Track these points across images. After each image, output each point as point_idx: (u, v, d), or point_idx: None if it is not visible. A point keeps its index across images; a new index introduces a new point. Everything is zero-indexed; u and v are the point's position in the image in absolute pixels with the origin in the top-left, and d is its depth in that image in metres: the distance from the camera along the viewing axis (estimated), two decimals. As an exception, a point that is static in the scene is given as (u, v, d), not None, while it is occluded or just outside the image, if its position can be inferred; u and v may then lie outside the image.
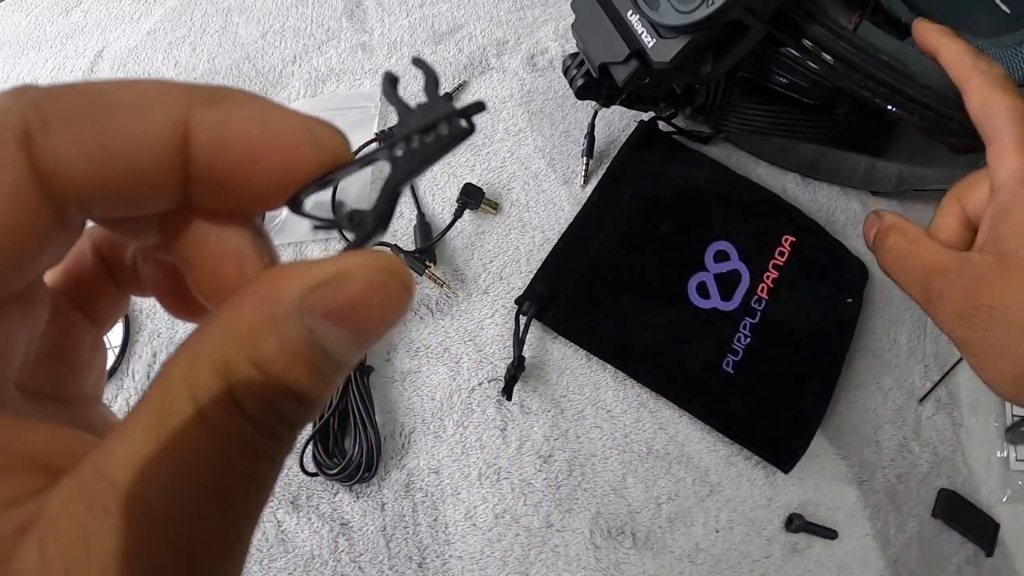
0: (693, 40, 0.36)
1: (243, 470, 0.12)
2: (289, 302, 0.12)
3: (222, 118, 0.13)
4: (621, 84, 0.41)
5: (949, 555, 0.45)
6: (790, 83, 0.41)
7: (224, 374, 0.12)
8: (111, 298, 0.17)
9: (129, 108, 0.12)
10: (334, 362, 0.12)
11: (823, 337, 0.47)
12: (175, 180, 0.13)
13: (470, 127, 0.14)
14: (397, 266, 0.13)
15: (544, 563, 0.44)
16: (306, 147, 0.13)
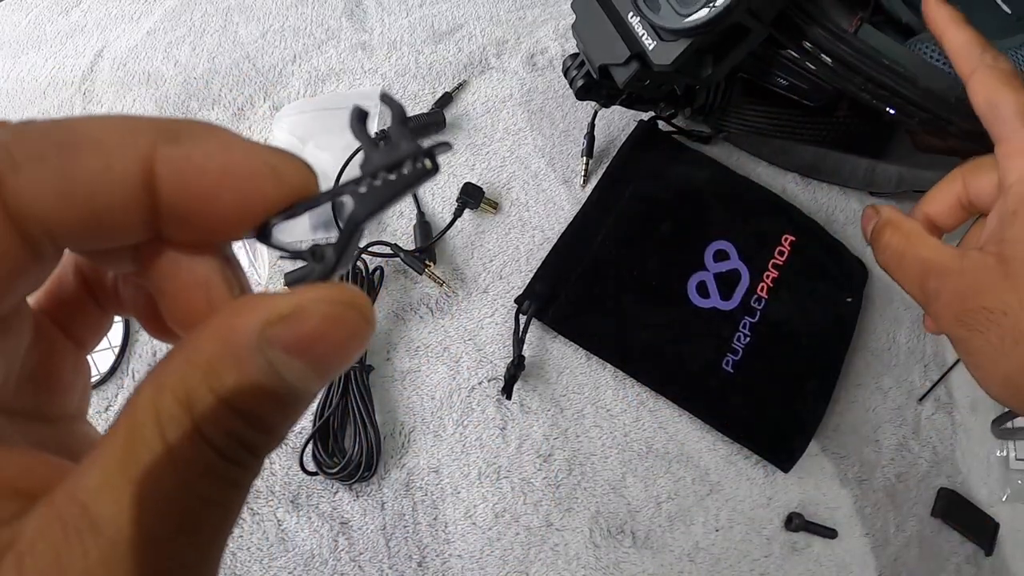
0: (694, 43, 0.36)
1: (208, 495, 0.12)
2: (248, 335, 0.12)
3: (184, 155, 0.13)
4: (621, 86, 0.41)
5: (948, 554, 0.45)
6: (790, 85, 0.41)
7: (187, 404, 0.12)
8: (93, 319, 0.18)
9: (95, 147, 0.12)
10: (295, 392, 0.13)
11: (823, 337, 0.47)
12: (142, 215, 0.13)
13: (434, 167, 0.14)
14: (356, 299, 0.13)
15: (544, 562, 0.44)
16: (265, 181, 0.14)
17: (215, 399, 0.12)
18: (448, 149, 0.14)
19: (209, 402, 0.12)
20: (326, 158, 0.52)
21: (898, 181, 0.49)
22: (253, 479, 0.13)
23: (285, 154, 0.14)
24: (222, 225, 0.14)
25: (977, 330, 0.29)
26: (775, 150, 0.52)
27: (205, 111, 0.56)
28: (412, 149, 0.14)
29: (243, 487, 0.13)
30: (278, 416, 0.13)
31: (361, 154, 0.14)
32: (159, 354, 0.48)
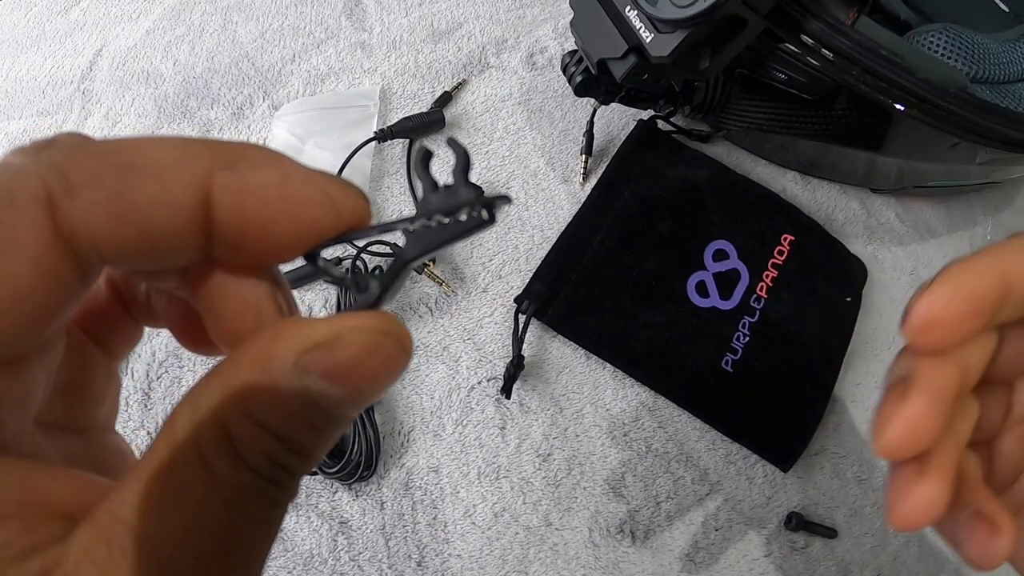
0: (691, 34, 0.36)
1: (247, 515, 0.12)
2: (285, 361, 0.12)
3: (242, 182, 0.13)
4: (620, 80, 0.41)
5: (949, 554, 0.45)
6: (788, 79, 0.41)
7: (225, 426, 0.12)
8: (125, 330, 0.17)
9: (152, 171, 0.12)
10: (330, 419, 0.13)
11: (822, 336, 0.47)
12: (196, 239, 0.13)
13: (491, 219, 0.14)
14: (394, 328, 0.13)
15: (543, 562, 0.44)
16: (321, 211, 0.14)
17: (252, 423, 0.12)
18: (508, 202, 0.14)
19: (246, 425, 0.12)
20: (325, 157, 0.52)
21: (897, 176, 0.49)
22: (291, 498, 0.13)
23: (342, 183, 0.14)
24: (274, 251, 0.14)
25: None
26: (774, 147, 0.52)
27: (204, 110, 0.56)
28: (471, 198, 0.14)
29: (281, 506, 0.13)
30: (313, 440, 0.13)
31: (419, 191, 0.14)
32: (158, 354, 0.48)
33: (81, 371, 0.16)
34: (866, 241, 0.51)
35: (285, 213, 0.13)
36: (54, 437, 0.15)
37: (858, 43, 0.37)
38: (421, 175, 0.14)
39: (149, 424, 0.47)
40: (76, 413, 0.16)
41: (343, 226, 0.14)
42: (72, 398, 0.16)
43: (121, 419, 0.47)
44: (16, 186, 0.12)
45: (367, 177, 0.52)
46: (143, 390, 0.47)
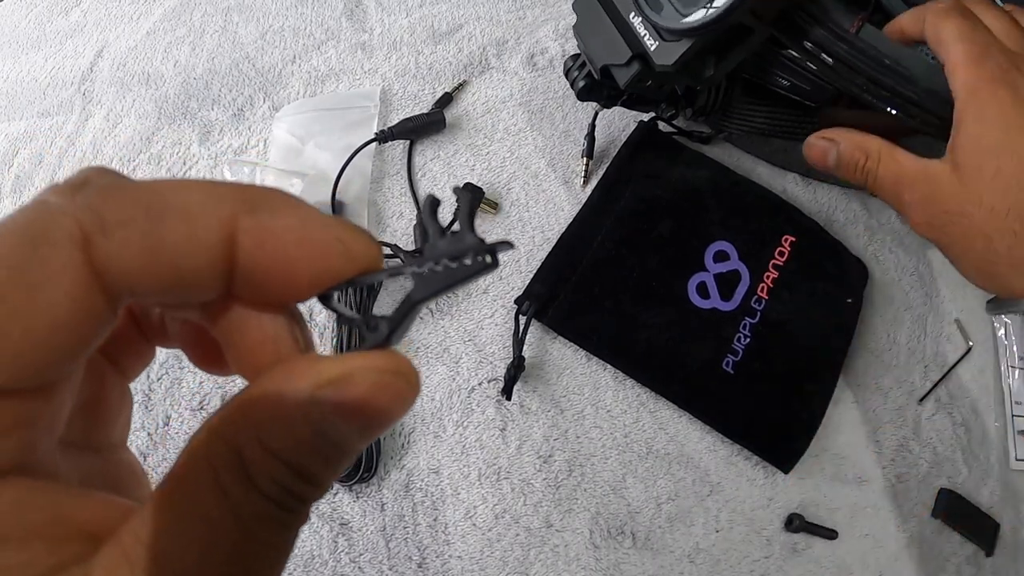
0: (696, 43, 0.36)
1: (260, 538, 0.13)
2: (300, 396, 0.13)
3: (264, 227, 0.14)
4: (623, 86, 0.41)
5: (949, 555, 0.45)
6: (791, 85, 0.41)
7: (240, 455, 0.13)
8: (138, 350, 0.18)
9: (181, 213, 0.13)
10: (340, 450, 0.14)
11: (823, 337, 0.47)
12: (220, 277, 0.14)
13: (494, 263, 0.15)
14: (403, 367, 0.14)
15: (544, 563, 0.44)
16: (336, 256, 0.14)
17: (266, 451, 0.13)
18: (510, 248, 0.15)
19: (260, 453, 0.13)
20: (325, 158, 0.52)
21: None
22: (302, 523, 0.14)
23: (356, 230, 0.15)
24: (291, 290, 0.15)
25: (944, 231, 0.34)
26: (776, 149, 0.52)
27: (205, 111, 0.56)
28: (476, 244, 0.15)
29: (292, 529, 0.14)
30: (323, 470, 0.14)
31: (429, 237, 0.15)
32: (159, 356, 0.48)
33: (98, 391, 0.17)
34: (867, 242, 0.51)
35: (303, 257, 0.14)
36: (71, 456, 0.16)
37: (861, 51, 0.37)
38: (429, 222, 0.15)
39: (149, 425, 0.47)
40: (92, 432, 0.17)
41: (355, 270, 0.15)
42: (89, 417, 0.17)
43: (122, 420, 0.47)
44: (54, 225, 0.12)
45: (367, 178, 0.52)
46: (144, 392, 0.47)
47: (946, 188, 0.33)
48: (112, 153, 0.55)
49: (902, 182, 0.36)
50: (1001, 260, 0.33)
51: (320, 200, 0.50)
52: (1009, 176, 0.32)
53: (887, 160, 0.36)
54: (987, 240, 0.33)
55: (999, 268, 0.33)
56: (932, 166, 0.34)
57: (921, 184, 0.35)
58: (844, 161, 0.39)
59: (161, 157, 0.55)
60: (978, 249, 0.33)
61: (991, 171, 0.32)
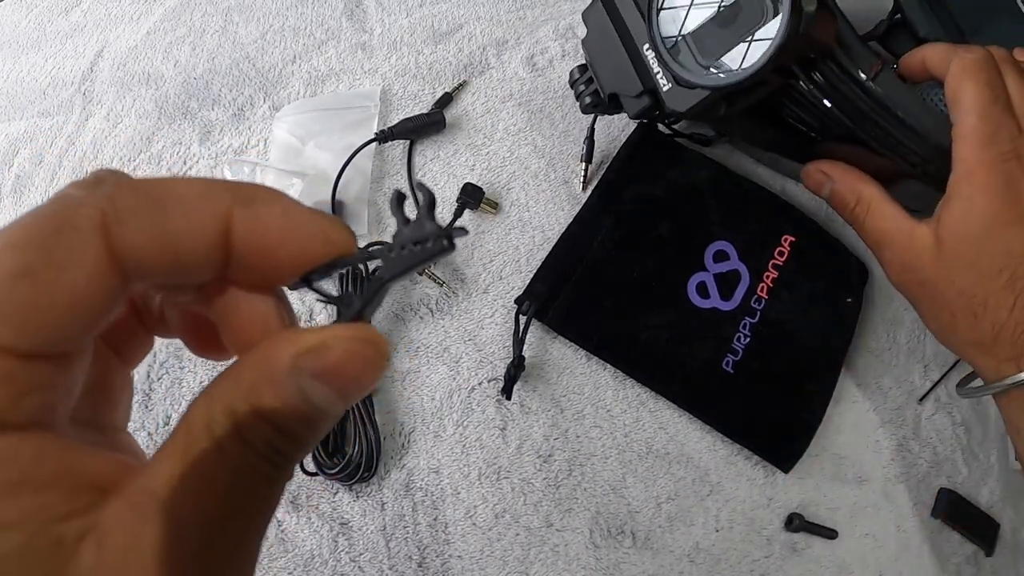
0: (712, 96, 0.35)
1: (250, 489, 0.15)
2: (283, 363, 0.15)
3: (255, 217, 0.16)
4: (631, 117, 0.40)
5: (949, 555, 0.45)
6: (800, 118, 0.40)
7: (234, 416, 0.15)
8: (139, 339, 0.20)
9: (184, 205, 0.15)
10: (321, 412, 0.16)
11: (823, 337, 0.47)
12: (217, 261, 0.16)
13: (451, 246, 0.17)
14: (372, 336, 0.16)
15: (544, 562, 0.44)
16: (317, 243, 0.17)
17: (255, 413, 0.15)
18: (464, 234, 0.17)
19: (250, 415, 0.15)
20: (326, 158, 0.52)
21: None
22: (287, 479, 0.16)
23: (334, 220, 0.17)
24: (278, 273, 0.17)
25: (915, 295, 0.38)
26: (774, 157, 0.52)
27: (205, 111, 0.56)
28: (434, 230, 0.17)
29: (279, 483, 0.16)
30: (306, 430, 0.16)
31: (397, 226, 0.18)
32: (159, 355, 0.48)
33: (103, 376, 0.19)
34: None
35: (286, 243, 0.16)
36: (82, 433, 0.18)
37: (875, 100, 0.36)
38: (396, 213, 0.18)
39: (150, 425, 0.47)
40: (98, 413, 0.19)
41: (334, 255, 0.17)
42: (96, 399, 0.19)
43: (122, 420, 0.47)
44: (77, 213, 0.14)
45: (367, 178, 0.52)
46: (144, 391, 0.47)
47: (925, 259, 0.36)
48: (112, 153, 0.55)
49: (885, 240, 0.38)
50: (959, 335, 0.37)
51: (320, 200, 0.50)
52: (984, 266, 0.34)
53: (876, 213, 0.38)
54: (951, 315, 0.36)
55: (958, 340, 0.37)
56: (917, 232, 0.36)
57: (903, 249, 0.37)
58: (836, 199, 0.41)
59: (161, 157, 0.55)
60: (943, 319, 0.37)
61: (969, 258, 0.34)
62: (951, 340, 0.38)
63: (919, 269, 0.36)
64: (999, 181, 0.33)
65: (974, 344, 0.36)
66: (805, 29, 0.33)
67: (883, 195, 0.38)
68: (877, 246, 0.39)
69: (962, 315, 0.35)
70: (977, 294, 0.34)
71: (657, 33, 0.37)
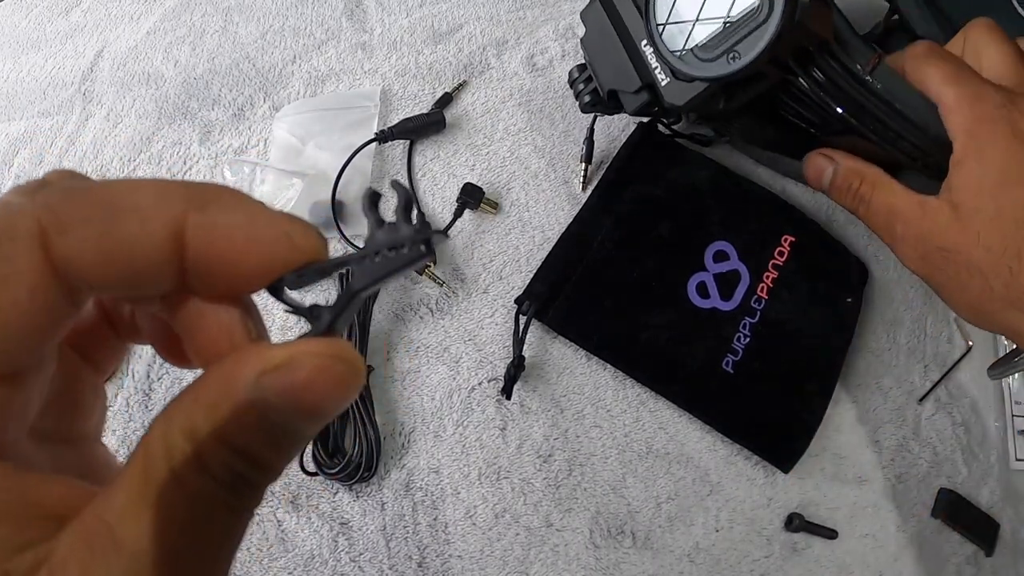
0: (710, 88, 0.35)
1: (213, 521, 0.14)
2: (245, 382, 0.14)
3: (212, 223, 0.15)
4: (630, 113, 0.40)
5: (949, 555, 0.45)
6: (798, 114, 0.40)
7: (192, 439, 0.14)
8: (111, 346, 0.19)
9: (133, 212, 0.14)
10: (288, 434, 0.15)
11: (823, 337, 0.47)
12: (172, 271, 0.15)
13: (429, 251, 0.15)
14: (344, 352, 0.15)
15: (544, 562, 0.44)
16: (281, 248, 0.15)
17: (215, 437, 0.14)
18: (444, 239, 0.16)
19: (210, 440, 0.14)
20: (326, 158, 0.52)
21: None
22: (255, 506, 0.15)
23: (301, 223, 0.16)
24: (241, 282, 0.15)
25: (938, 267, 0.35)
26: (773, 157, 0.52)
27: (205, 111, 0.56)
28: (411, 235, 0.15)
29: (244, 512, 0.15)
30: (272, 454, 0.15)
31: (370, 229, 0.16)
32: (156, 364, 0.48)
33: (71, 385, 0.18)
34: (867, 242, 0.51)
35: (248, 250, 0.15)
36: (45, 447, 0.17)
37: (873, 93, 0.36)
38: (369, 214, 0.16)
39: (150, 425, 0.47)
40: (66, 424, 0.18)
41: (301, 261, 0.15)
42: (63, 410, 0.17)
43: (121, 420, 0.47)
44: (14, 222, 0.13)
45: (367, 178, 0.52)
46: (143, 391, 0.47)
47: (942, 225, 0.34)
48: (112, 153, 0.55)
49: (896, 214, 0.36)
50: (996, 297, 0.33)
51: (320, 200, 0.50)
52: (1008, 216, 0.32)
53: (883, 189, 0.37)
54: (983, 277, 0.33)
55: (994, 305, 0.33)
56: (928, 202, 0.35)
57: (916, 219, 0.35)
58: (839, 182, 0.39)
59: (161, 157, 0.55)
60: (973, 286, 0.33)
61: (991, 211, 0.32)
62: (986, 309, 0.34)
63: (938, 235, 0.34)
64: (1003, 129, 0.32)
65: (1013, 303, 0.32)
66: (800, 18, 0.33)
67: (887, 175, 0.37)
68: (887, 223, 0.37)
69: (994, 274, 0.32)
70: (1009, 246, 0.32)
71: (654, 28, 0.37)
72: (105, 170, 0.55)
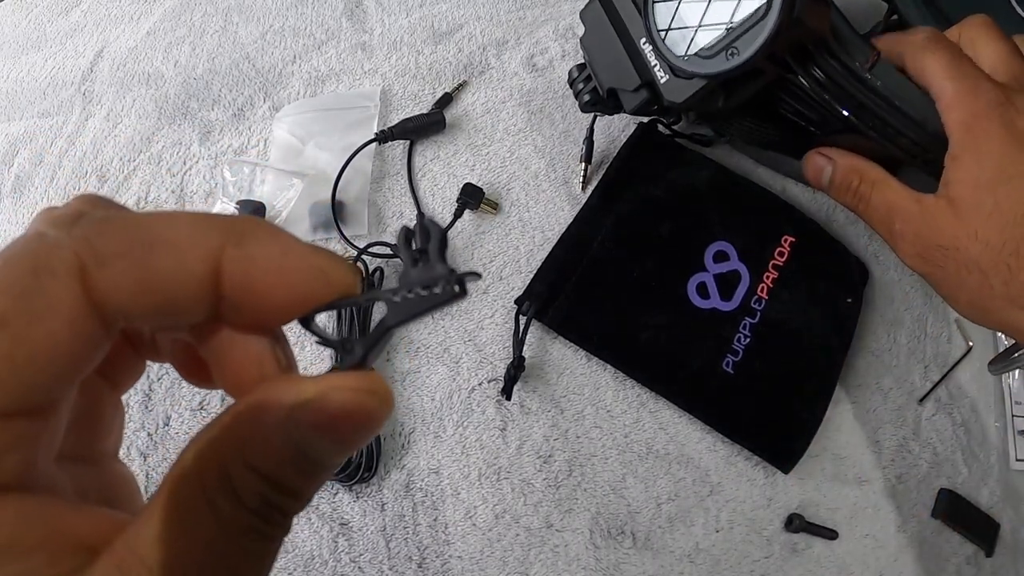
0: (709, 84, 0.36)
1: (246, 548, 0.14)
2: (279, 415, 0.14)
3: (248, 257, 0.15)
4: (629, 112, 0.40)
5: (949, 555, 0.45)
6: (798, 112, 0.40)
7: (225, 470, 0.14)
8: (130, 365, 0.19)
9: (171, 246, 0.14)
10: (318, 465, 0.15)
11: (823, 337, 0.47)
12: (207, 304, 0.15)
13: (463, 292, 0.16)
14: (375, 386, 0.15)
15: (544, 563, 0.44)
16: (316, 283, 0.15)
17: (248, 468, 0.14)
18: (477, 278, 0.16)
19: (243, 471, 0.14)
20: (326, 158, 0.52)
21: None
22: (284, 533, 0.15)
23: (334, 259, 0.16)
24: (274, 315, 0.16)
25: (937, 265, 0.35)
26: (774, 157, 0.52)
27: (205, 111, 0.56)
28: (445, 274, 0.16)
29: (276, 540, 0.15)
30: (303, 484, 0.15)
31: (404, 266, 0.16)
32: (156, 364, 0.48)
33: (91, 405, 0.18)
34: (867, 242, 0.51)
35: (284, 284, 0.15)
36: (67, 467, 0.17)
37: (871, 90, 0.36)
38: (403, 253, 0.16)
39: (150, 425, 0.47)
40: (87, 444, 0.18)
41: (333, 295, 0.16)
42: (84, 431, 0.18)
43: (122, 420, 0.47)
44: (54, 257, 0.13)
45: (367, 178, 0.52)
46: (144, 391, 0.47)
47: (940, 222, 0.34)
48: (112, 153, 0.55)
49: (895, 211, 0.36)
50: (995, 294, 0.33)
51: (320, 200, 0.50)
52: (1006, 212, 0.32)
53: (882, 187, 0.37)
54: (982, 274, 0.33)
55: (993, 303, 0.33)
56: (926, 199, 0.35)
57: (915, 216, 0.35)
58: (838, 181, 0.39)
59: (161, 157, 0.55)
60: (972, 283, 0.33)
61: (988, 207, 0.32)
62: (986, 306, 0.34)
63: (936, 233, 0.34)
64: (999, 125, 0.32)
65: (1013, 300, 0.32)
66: (798, 14, 0.33)
67: (886, 173, 0.37)
68: (887, 221, 0.37)
69: (993, 271, 0.32)
70: (1007, 242, 0.32)
71: (653, 25, 0.37)
72: (105, 170, 0.55)
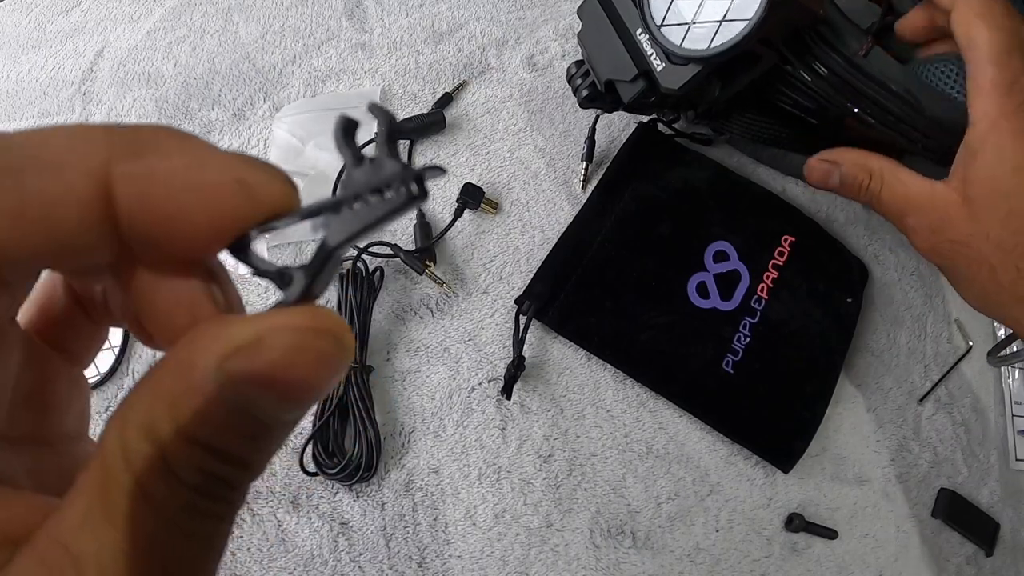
0: (704, 69, 0.36)
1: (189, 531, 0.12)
2: (206, 369, 0.11)
3: (143, 172, 0.12)
4: (627, 102, 0.41)
5: (949, 555, 0.45)
6: (796, 103, 0.41)
7: (154, 441, 0.11)
8: (86, 333, 0.17)
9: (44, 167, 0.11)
10: (266, 427, 0.12)
11: (823, 337, 0.47)
12: (103, 236, 0.12)
13: (421, 193, 0.12)
14: (326, 324, 0.12)
15: (544, 563, 0.44)
16: (235, 199, 0.12)
17: (180, 435, 0.11)
18: (440, 174, 0.13)
19: (174, 439, 0.11)
20: (326, 158, 0.52)
21: None
22: (236, 510, 0.13)
23: (260, 167, 0.13)
24: (191, 244, 0.13)
25: (949, 258, 0.35)
26: (774, 155, 0.52)
27: (205, 111, 0.56)
28: (399, 172, 0.12)
29: (225, 518, 0.13)
30: (249, 449, 0.12)
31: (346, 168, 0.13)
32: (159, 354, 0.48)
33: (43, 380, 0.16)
34: (867, 242, 0.51)
35: (192, 204, 0.12)
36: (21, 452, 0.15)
37: (868, 76, 0.36)
38: (343, 148, 0.13)
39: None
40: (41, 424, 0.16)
41: (263, 214, 0.13)
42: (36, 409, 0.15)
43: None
44: None
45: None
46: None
47: (954, 217, 0.34)
48: (112, 153, 0.55)
49: (907, 206, 0.36)
50: (1004, 291, 0.34)
51: (320, 200, 0.50)
52: (1020, 218, 0.32)
53: (891, 181, 0.37)
54: (991, 271, 0.34)
55: (1001, 298, 0.34)
56: (939, 192, 0.35)
57: (928, 210, 0.35)
58: (847, 182, 0.39)
59: (161, 157, 0.55)
60: (982, 278, 0.34)
61: (1003, 212, 0.33)
62: (993, 300, 0.35)
63: (948, 228, 0.34)
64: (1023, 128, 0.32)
65: (1020, 299, 0.33)
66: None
67: (894, 164, 0.37)
68: (900, 215, 0.37)
69: (1003, 269, 0.33)
70: (1017, 246, 0.32)
71: (648, 13, 0.37)
72: (105, 170, 0.55)
